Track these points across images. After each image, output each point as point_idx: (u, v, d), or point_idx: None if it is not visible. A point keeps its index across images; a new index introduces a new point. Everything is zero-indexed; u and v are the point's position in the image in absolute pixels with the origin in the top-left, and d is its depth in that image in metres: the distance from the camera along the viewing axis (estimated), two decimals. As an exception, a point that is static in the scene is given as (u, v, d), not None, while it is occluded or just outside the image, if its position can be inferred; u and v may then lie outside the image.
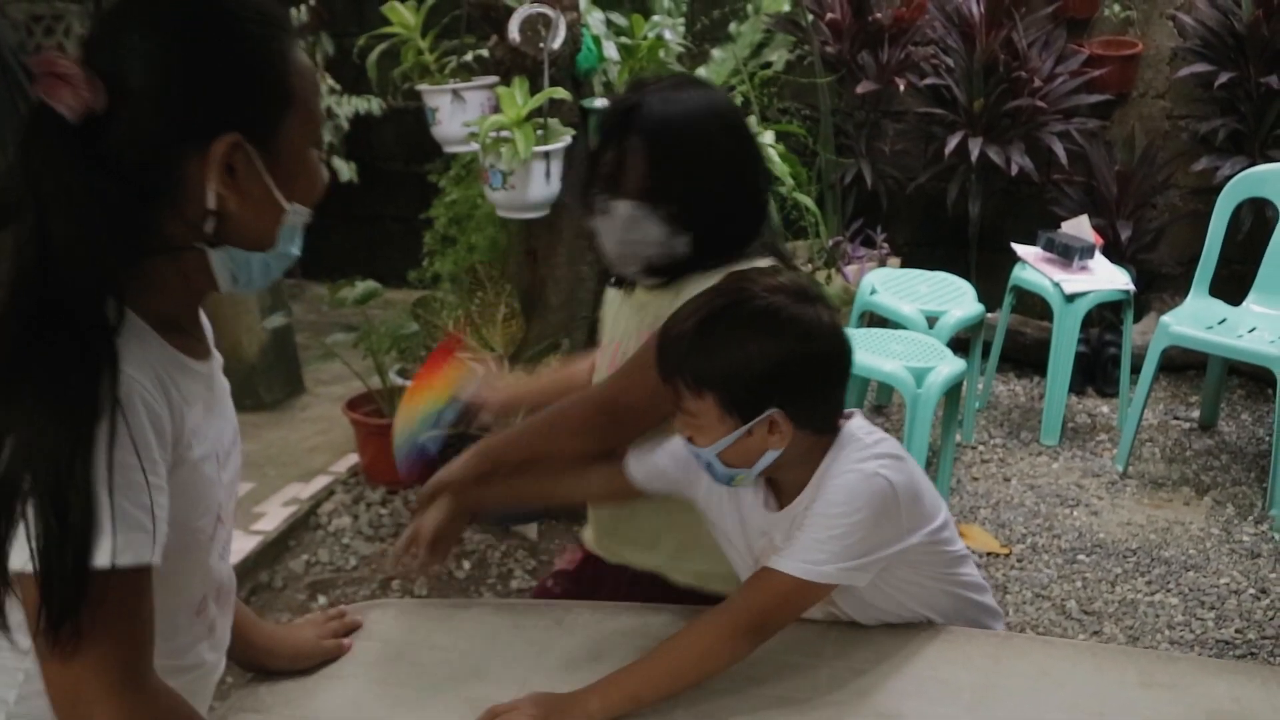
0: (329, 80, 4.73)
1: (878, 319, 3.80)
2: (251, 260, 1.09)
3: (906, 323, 3.62)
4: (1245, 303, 3.72)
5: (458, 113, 3.21)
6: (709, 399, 1.32)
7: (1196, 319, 3.63)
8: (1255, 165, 3.84)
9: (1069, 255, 3.82)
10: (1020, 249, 4.00)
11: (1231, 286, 3.80)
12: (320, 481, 3.61)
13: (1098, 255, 3.89)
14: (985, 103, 4.27)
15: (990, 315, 3.94)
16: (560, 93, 3.03)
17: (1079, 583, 3.11)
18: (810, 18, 4.35)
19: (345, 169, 4.71)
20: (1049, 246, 3.90)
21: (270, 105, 1.05)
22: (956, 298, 3.81)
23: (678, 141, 1.49)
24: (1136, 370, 3.73)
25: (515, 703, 1.32)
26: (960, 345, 3.74)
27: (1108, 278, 3.81)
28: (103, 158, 0.99)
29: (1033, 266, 3.90)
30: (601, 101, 3.26)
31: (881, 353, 3.35)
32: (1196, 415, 4.06)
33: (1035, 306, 4.17)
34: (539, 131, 3.02)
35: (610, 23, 3.58)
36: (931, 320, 3.65)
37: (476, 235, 3.51)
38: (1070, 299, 3.73)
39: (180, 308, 1.12)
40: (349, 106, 4.69)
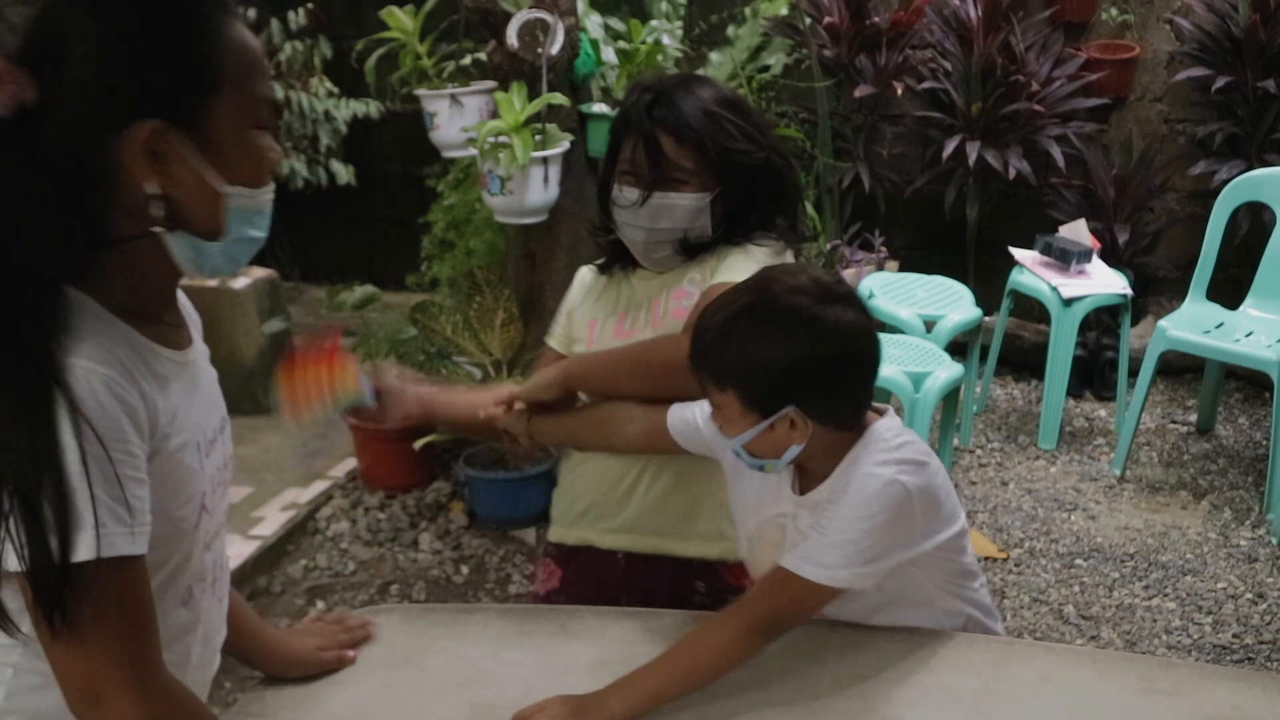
0: (326, 83, 4.74)
1: (875, 323, 3.80)
2: (209, 244, 1.07)
3: (904, 327, 3.63)
4: (1242, 307, 3.73)
5: (456, 118, 3.22)
6: (731, 394, 1.36)
7: (1194, 323, 3.64)
8: (1252, 169, 3.86)
9: (1066, 259, 3.83)
10: (1018, 253, 4.01)
11: (1228, 290, 3.81)
12: (318, 486, 3.61)
13: (1095, 259, 3.90)
14: (983, 106, 4.27)
15: (988, 319, 3.95)
16: (558, 98, 3.04)
17: (1076, 587, 3.11)
18: (808, 21, 4.36)
19: (344, 172, 4.71)
20: (1047, 250, 3.91)
21: (194, 88, 1.02)
22: (954, 302, 3.81)
23: (707, 129, 1.59)
24: (1134, 374, 3.74)
25: (541, 704, 1.33)
26: (958, 349, 3.75)
27: (1105, 281, 3.82)
28: (38, 152, 0.99)
29: (1030, 270, 3.91)
30: (600, 106, 3.26)
31: (879, 357, 3.35)
32: (1193, 419, 4.07)
33: (1033, 310, 4.18)
34: (537, 137, 3.02)
35: (608, 27, 3.58)
36: (929, 324, 3.66)
37: (475, 240, 3.52)
38: (1068, 303, 3.74)
39: (149, 296, 1.10)
40: (347, 110, 4.69)
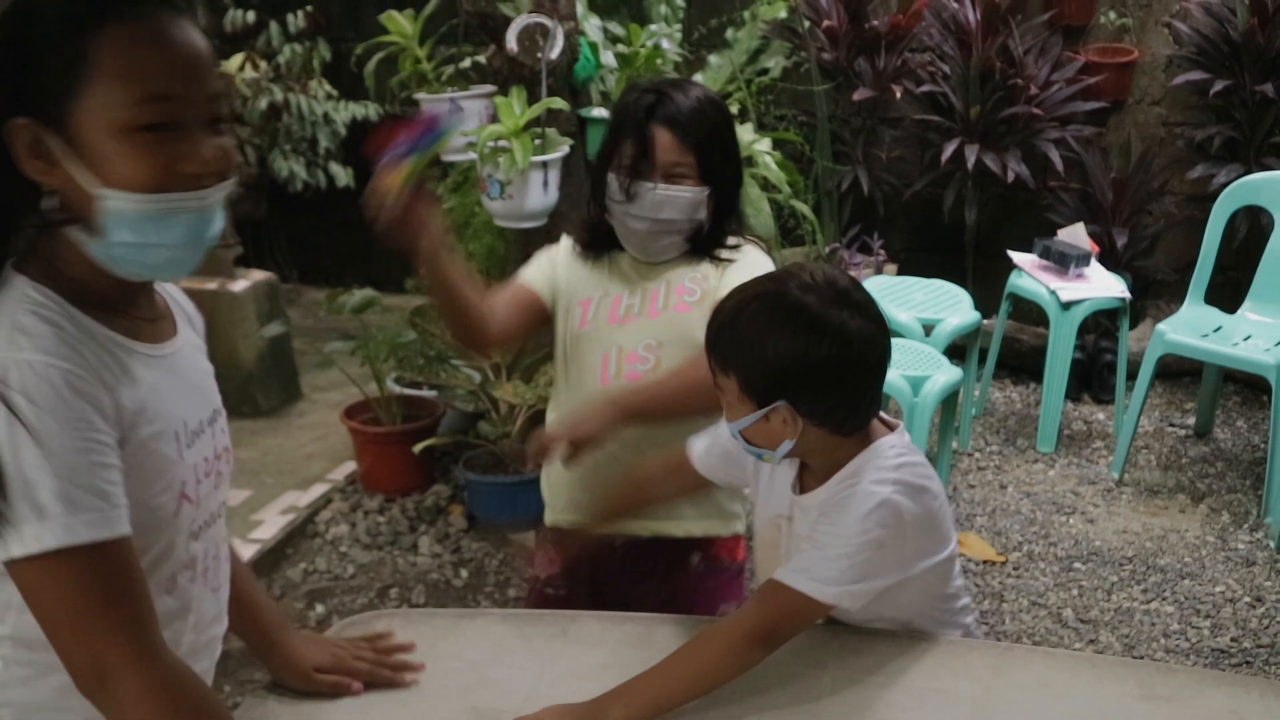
0: (325, 85, 4.74)
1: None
2: (108, 244, 1.04)
3: (903, 330, 3.63)
4: (1240, 310, 3.74)
5: (455, 122, 3.22)
6: (732, 378, 1.40)
7: (1192, 326, 3.64)
8: (1250, 173, 3.86)
9: (1065, 262, 3.83)
10: (1016, 256, 4.02)
11: (1227, 294, 3.82)
12: (318, 489, 3.61)
13: (1093, 262, 3.90)
14: (981, 110, 4.28)
15: (986, 322, 3.95)
16: (558, 102, 3.04)
17: (1075, 591, 3.12)
18: (807, 24, 4.36)
19: (343, 174, 4.71)
20: (1045, 254, 3.91)
21: (59, 88, 1.00)
22: (953, 305, 3.82)
23: (708, 126, 1.73)
24: (1132, 377, 3.74)
25: (538, 714, 1.33)
26: (956, 352, 3.75)
27: (1103, 285, 3.82)
28: None
29: (1029, 274, 3.91)
30: (600, 111, 3.26)
31: (878, 361, 3.35)
32: (1192, 422, 4.07)
33: (1031, 313, 4.18)
34: (537, 141, 3.02)
35: (607, 31, 3.59)
36: (928, 328, 3.66)
37: (474, 243, 3.51)
38: (1066, 306, 3.74)
39: (111, 288, 1.09)
40: (346, 112, 4.69)
